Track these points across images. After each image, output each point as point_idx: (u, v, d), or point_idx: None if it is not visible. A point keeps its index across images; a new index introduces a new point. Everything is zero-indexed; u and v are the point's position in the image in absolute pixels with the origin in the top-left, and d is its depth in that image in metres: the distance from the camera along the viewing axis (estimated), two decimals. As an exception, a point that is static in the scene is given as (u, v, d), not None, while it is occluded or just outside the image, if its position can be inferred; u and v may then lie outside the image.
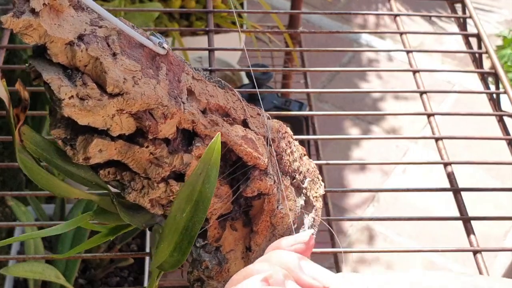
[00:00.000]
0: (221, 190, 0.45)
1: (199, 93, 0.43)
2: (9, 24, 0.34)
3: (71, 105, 0.36)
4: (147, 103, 0.38)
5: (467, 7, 0.84)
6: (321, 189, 0.53)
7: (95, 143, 0.38)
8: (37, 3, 0.35)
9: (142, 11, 1.16)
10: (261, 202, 0.46)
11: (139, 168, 0.41)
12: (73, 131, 0.38)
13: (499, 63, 0.76)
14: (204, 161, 0.39)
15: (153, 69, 0.39)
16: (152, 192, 0.42)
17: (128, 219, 0.43)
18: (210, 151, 0.39)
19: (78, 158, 0.39)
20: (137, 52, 0.39)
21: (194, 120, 0.41)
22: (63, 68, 0.37)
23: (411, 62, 0.78)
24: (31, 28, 0.35)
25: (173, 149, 0.41)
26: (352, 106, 1.86)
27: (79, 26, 0.37)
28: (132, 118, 0.39)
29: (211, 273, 0.47)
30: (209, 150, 0.39)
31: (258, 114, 0.47)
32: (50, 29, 0.35)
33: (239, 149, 0.43)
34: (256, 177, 0.44)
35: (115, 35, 0.38)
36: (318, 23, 2.13)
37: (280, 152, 0.48)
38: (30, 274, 0.87)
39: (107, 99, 0.37)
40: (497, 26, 2.22)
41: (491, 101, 0.77)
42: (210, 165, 0.39)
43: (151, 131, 0.39)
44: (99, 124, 0.38)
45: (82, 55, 0.36)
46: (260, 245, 0.47)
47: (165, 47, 0.40)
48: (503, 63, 2.06)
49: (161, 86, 0.39)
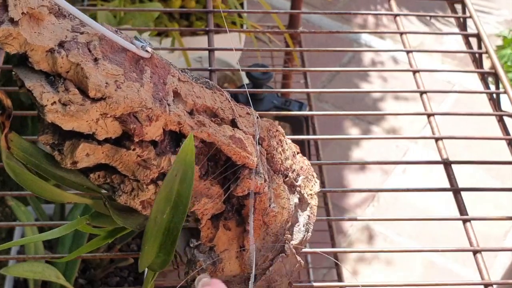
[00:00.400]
0: (212, 190, 0.45)
1: (185, 94, 0.43)
2: None
3: (53, 111, 0.36)
4: (131, 106, 0.38)
5: (467, 7, 0.84)
6: (316, 186, 0.53)
7: (82, 148, 0.38)
8: (16, 13, 0.35)
9: (142, 11, 1.16)
10: (252, 201, 0.46)
11: (127, 170, 0.41)
12: (60, 136, 0.39)
13: (499, 63, 0.76)
14: (179, 162, 0.39)
15: (137, 73, 0.40)
16: (142, 194, 0.42)
17: (121, 222, 0.43)
18: (184, 150, 0.39)
19: (66, 162, 0.39)
20: (120, 57, 0.39)
21: (180, 121, 0.41)
22: (46, 75, 0.37)
23: (411, 62, 0.78)
24: (10, 38, 0.35)
25: (160, 151, 0.41)
26: (352, 106, 1.86)
27: (60, 33, 0.38)
28: (117, 122, 0.39)
29: (206, 273, 0.47)
30: (183, 150, 0.39)
31: (247, 114, 0.47)
32: (30, 38, 0.36)
33: (227, 149, 0.44)
34: (246, 176, 0.45)
35: (97, 41, 0.38)
36: (318, 23, 2.13)
37: (271, 151, 0.48)
38: (30, 274, 0.87)
39: (89, 103, 0.37)
40: (497, 26, 2.22)
41: (491, 101, 0.77)
42: (186, 165, 0.39)
43: (137, 134, 0.39)
44: (84, 129, 0.38)
45: (62, 61, 0.37)
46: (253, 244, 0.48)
47: (148, 50, 0.41)
48: (503, 63, 2.06)
49: (145, 89, 0.39)
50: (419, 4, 2.17)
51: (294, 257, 0.49)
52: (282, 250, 0.48)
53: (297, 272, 0.59)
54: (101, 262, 1.07)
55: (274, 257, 0.48)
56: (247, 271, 0.48)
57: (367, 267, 1.52)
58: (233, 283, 0.49)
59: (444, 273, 1.49)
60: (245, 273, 0.48)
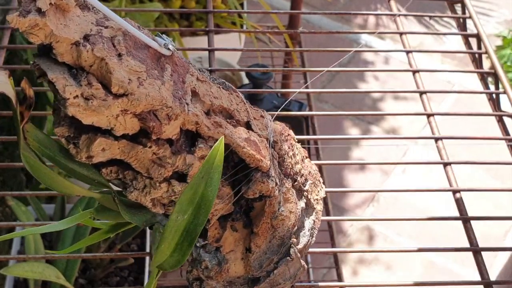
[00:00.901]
0: (223, 191, 0.45)
1: (203, 94, 0.43)
2: (15, 23, 0.34)
3: (75, 105, 0.36)
4: (152, 104, 0.38)
5: (467, 8, 0.85)
6: (322, 192, 0.53)
7: (99, 142, 0.38)
8: (43, 3, 0.35)
9: (143, 11, 1.16)
10: (262, 204, 0.46)
11: (141, 167, 0.41)
12: (76, 129, 0.38)
13: (498, 63, 0.76)
14: (207, 164, 0.39)
15: (158, 70, 0.40)
16: (154, 191, 0.42)
17: (129, 217, 0.43)
18: (213, 154, 0.39)
19: (81, 156, 0.39)
20: (142, 53, 0.39)
21: (198, 121, 0.41)
22: (68, 68, 0.37)
23: (410, 62, 0.78)
24: (37, 28, 0.35)
25: (176, 150, 0.41)
26: (352, 106, 1.86)
27: (85, 26, 0.37)
28: (136, 119, 0.39)
29: (211, 273, 0.47)
30: (212, 154, 0.39)
31: (261, 117, 0.47)
32: (56, 29, 0.35)
33: (242, 151, 0.44)
34: (258, 179, 0.45)
35: (121, 36, 0.38)
36: (318, 23, 2.13)
37: (282, 155, 0.48)
38: (30, 274, 0.87)
39: (111, 99, 0.37)
40: (496, 26, 2.22)
41: (491, 101, 0.77)
42: (213, 169, 0.39)
43: (155, 132, 0.39)
44: (103, 124, 0.38)
45: (87, 55, 0.36)
46: (260, 246, 0.48)
47: (170, 48, 0.40)
48: (503, 63, 2.06)
49: (165, 87, 0.39)
50: (419, 5, 2.17)
51: (298, 261, 0.49)
52: (287, 254, 0.48)
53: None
54: (101, 262, 1.07)
55: (279, 260, 0.48)
56: (251, 273, 0.48)
57: (367, 267, 1.52)
58: (236, 284, 0.49)
59: (444, 273, 1.50)
60: (249, 274, 0.48)
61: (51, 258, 0.94)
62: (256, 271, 0.48)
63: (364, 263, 1.53)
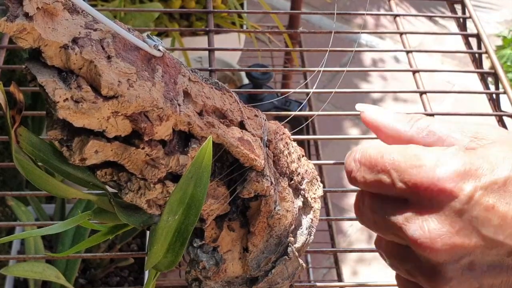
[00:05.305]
0: (218, 191, 0.45)
1: (196, 95, 0.43)
2: (3, 28, 0.34)
3: (65, 108, 0.36)
4: (142, 106, 0.38)
5: (467, 7, 0.85)
6: (319, 190, 0.53)
7: (91, 145, 0.38)
8: (31, 7, 0.35)
9: (142, 11, 1.16)
10: (258, 203, 0.46)
11: (135, 169, 0.41)
12: (69, 132, 0.39)
13: (498, 63, 0.76)
14: (195, 165, 0.39)
15: (149, 72, 0.40)
16: (148, 193, 0.42)
17: (125, 219, 0.43)
18: (201, 154, 0.39)
19: (74, 159, 0.39)
20: (132, 55, 0.39)
21: (190, 122, 0.41)
22: (58, 71, 0.37)
23: (410, 62, 0.78)
24: (25, 32, 0.35)
25: (169, 151, 0.41)
26: (352, 106, 1.85)
27: (74, 29, 0.37)
28: (128, 120, 0.39)
29: (208, 273, 0.47)
30: (200, 154, 0.39)
31: (255, 116, 0.47)
32: (44, 33, 0.36)
33: (236, 151, 0.44)
34: (253, 178, 0.45)
35: (110, 38, 0.38)
36: (318, 23, 2.14)
37: (277, 154, 0.48)
38: (30, 274, 0.87)
39: (101, 101, 0.37)
40: (496, 26, 2.23)
41: (491, 101, 0.77)
42: (202, 169, 0.39)
43: (147, 133, 0.39)
44: (94, 126, 0.38)
45: (76, 58, 0.36)
46: (257, 246, 0.48)
47: (160, 49, 0.40)
48: (503, 63, 2.06)
49: (156, 89, 0.39)
50: (418, 5, 2.17)
51: (296, 260, 0.49)
52: (285, 253, 0.48)
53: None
54: (101, 262, 1.07)
55: (277, 260, 0.48)
56: (249, 272, 0.48)
57: (367, 267, 1.52)
58: (235, 284, 0.49)
59: (444, 273, 1.49)
60: (247, 274, 0.48)
61: (51, 258, 0.94)
62: (254, 270, 0.48)
63: (364, 263, 1.53)
